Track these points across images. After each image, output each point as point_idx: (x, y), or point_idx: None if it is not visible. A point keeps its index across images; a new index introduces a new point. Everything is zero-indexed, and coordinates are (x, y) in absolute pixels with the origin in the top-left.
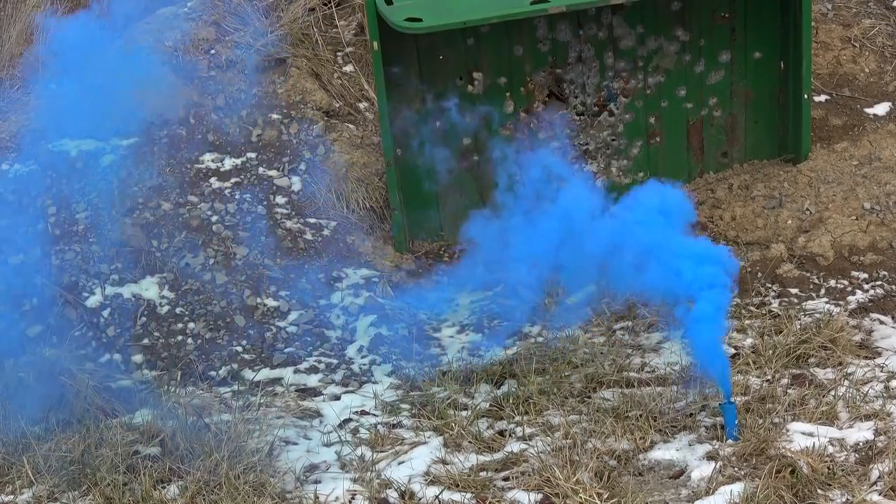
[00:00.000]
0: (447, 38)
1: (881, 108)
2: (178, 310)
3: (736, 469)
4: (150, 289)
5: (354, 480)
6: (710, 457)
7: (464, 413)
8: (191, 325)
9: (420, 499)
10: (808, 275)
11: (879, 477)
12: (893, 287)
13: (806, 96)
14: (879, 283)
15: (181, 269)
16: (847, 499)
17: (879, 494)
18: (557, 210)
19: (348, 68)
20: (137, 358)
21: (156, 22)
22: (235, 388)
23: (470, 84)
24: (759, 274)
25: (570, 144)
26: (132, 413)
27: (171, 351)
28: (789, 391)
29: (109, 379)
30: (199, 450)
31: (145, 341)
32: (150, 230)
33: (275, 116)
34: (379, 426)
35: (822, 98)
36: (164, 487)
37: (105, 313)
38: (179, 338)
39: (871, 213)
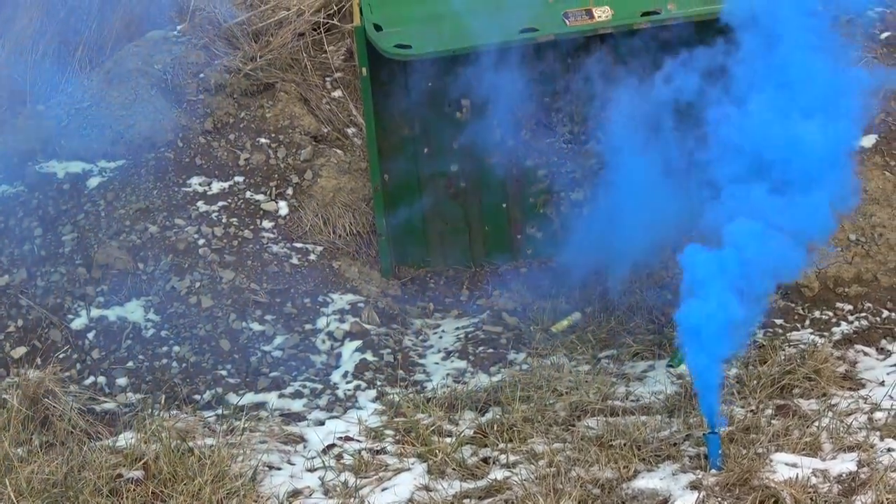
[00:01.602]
0: (436, 64)
1: (867, 141)
2: (163, 333)
3: (719, 499)
4: (135, 312)
5: None
6: (694, 486)
7: (448, 440)
8: (176, 348)
9: None
10: (793, 306)
11: None
12: (878, 319)
13: None
14: (864, 314)
15: (167, 293)
16: None
17: None
18: None
19: (337, 94)
20: (122, 381)
21: (145, 45)
22: (220, 412)
23: (458, 111)
24: None
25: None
26: (116, 436)
27: (156, 374)
28: (773, 422)
29: (93, 401)
30: (183, 474)
31: (130, 364)
32: (137, 253)
33: (263, 141)
34: (363, 452)
35: None
36: None
37: (90, 336)
38: (164, 361)
39: (856, 244)
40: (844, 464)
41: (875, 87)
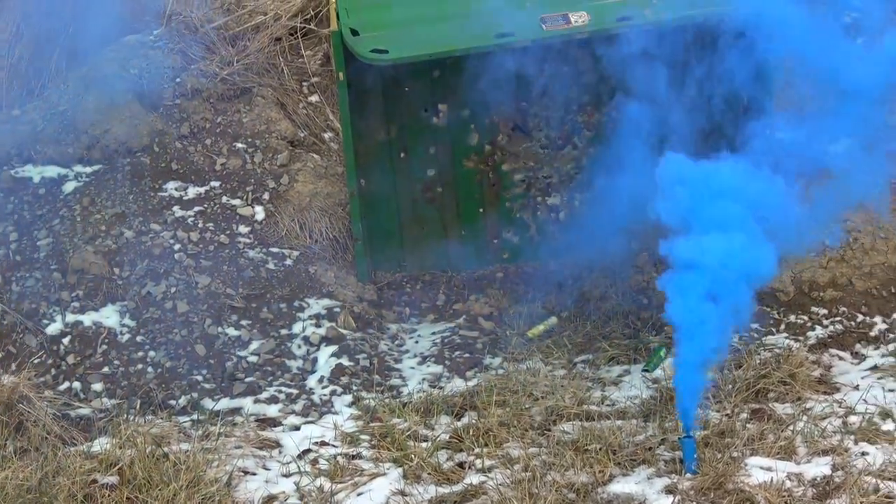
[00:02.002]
0: (413, 69)
1: (842, 146)
2: (138, 338)
3: (694, 503)
4: (111, 317)
5: None
6: (669, 490)
7: (424, 444)
8: (151, 353)
9: None
10: (769, 310)
11: None
12: (853, 323)
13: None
14: (839, 318)
15: (142, 298)
16: None
17: None
18: None
19: (314, 98)
20: (97, 386)
21: (121, 50)
22: (195, 417)
23: (435, 116)
24: None
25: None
26: (91, 441)
27: (131, 379)
28: (748, 426)
29: (68, 407)
30: (158, 479)
31: (105, 369)
32: (112, 258)
33: (239, 145)
34: (338, 457)
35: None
36: None
37: (65, 341)
38: (140, 366)
39: (831, 248)
40: (819, 467)
41: None
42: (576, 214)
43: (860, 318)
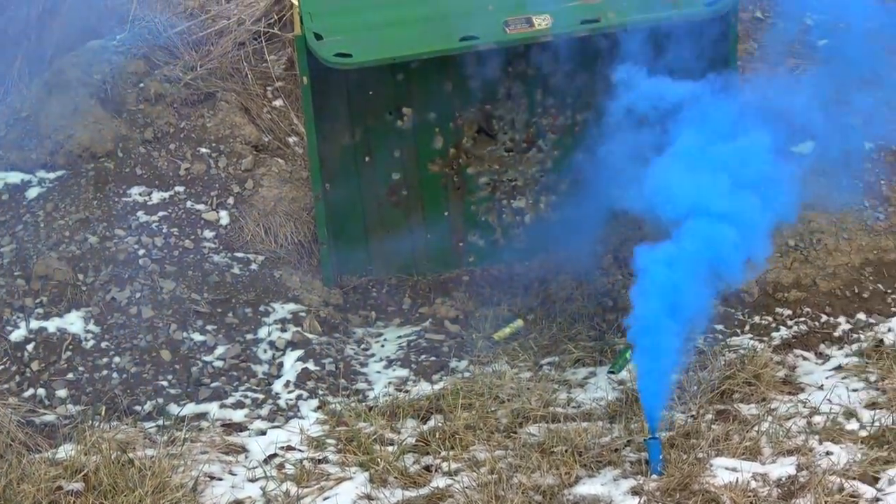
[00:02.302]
0: (377, 73)
1: (805, 147)
2: (103, 344)
3: None
4: (75, 323)
5: None
6: (635, 492)
7: (390, 448)
8: (116, 359)
9: None
10: (733, 311)
11: None
12: (817, 323)
13: None
14: (803, 319)
15: (107, 303)
16: None
17: None
18: None
19: (278, 103)
20: (62, 392)
21: (85, 55)
22: (160, 422)
23: (399, 119)
24: None
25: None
26: (55, 448)
27: (96, 385)
28: (713, 427)
29: (33, 413)
30: (123, 485)
31: (70, 376)
32: (76, 263)
33: (203, 150)
34: (305, 461)
35: None
36: None
37: (29, 347)
38: (104, 372)
39: (795, 250)
40: (784, 467)
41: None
42: (541, 217)
43: (824, 318)
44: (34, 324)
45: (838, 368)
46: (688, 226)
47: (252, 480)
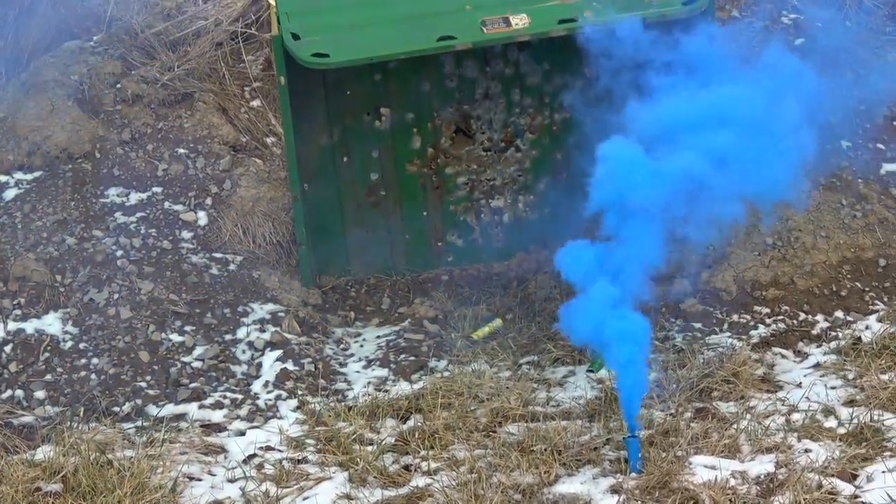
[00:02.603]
0: (354, 73)
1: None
2: (81, 345)
3: (639, 502)
4: (53, 324)
5: None
6: (614, 490)
7: (369, 448)
8: (94, 360)
9: None
10: (712, 309)
11: None
12: (795, 321)
13: None
14: (781, 317)
15: (85, 305)
16: None
17: None
18: None
19: (256, 103)
20: (40, 394)
21: (62, 56)
22: (139, 423)
23: (377, 119)
24: (663, 309)
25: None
26: (34, 449)
27: (75, 387)
28: (692, 425)
29: (11, 415)
30: (102, 486)
31: (48, 377)
32: (54, 265)
33: (181, 151)
34: (284, 462)
35: None
36: None
37: (7, 349)
38: (83, 373)
39: (773, 248)
40: (762, 465)
41: None
42: (519, 216)
43: (802, 316)
44: (12, 325)
45: (816, 366)
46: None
47: (231, 481)
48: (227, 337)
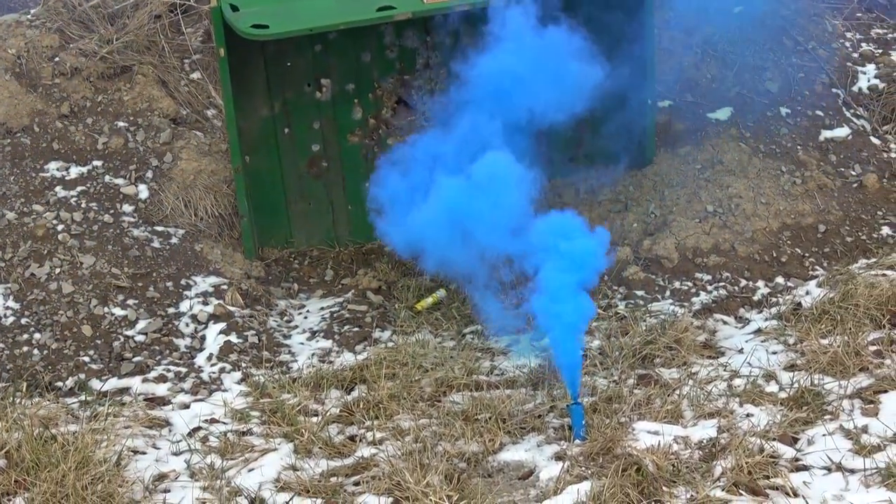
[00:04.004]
0: (294, 44)
1: (723, 114)
2: (23, 320)
3: (583, 468)
4: None
5: (204, 489)
6: (558, 457)
7: (314, 419)
8: (37, 335)
9: None
10: (654, 277)
11: (722, 473)
12: (736, 288)
13: (650, 101)
14: (722, 284)
15: (26, 279)
16: (691, 495)
17: (722, 490)
18: None
19: (195, 75)
20: None
21: None
22: (83, 398)
23: (318, 91)
24: (606, 277)
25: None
26: None
27: (17, 362)
28: (635, 391)
29: None
30: (46, 461)
31: None
32: None
33: (121, 124)
34: (229, 434)
35: (666, 103)
36: (9, 500)
37: None
38: (25, 348)
39: (713, 215)
40: (705, 430)
41: None
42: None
43: (743, 282)
44: None
45: (758, 332)
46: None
47: (176, 454)
48: (170, 310)
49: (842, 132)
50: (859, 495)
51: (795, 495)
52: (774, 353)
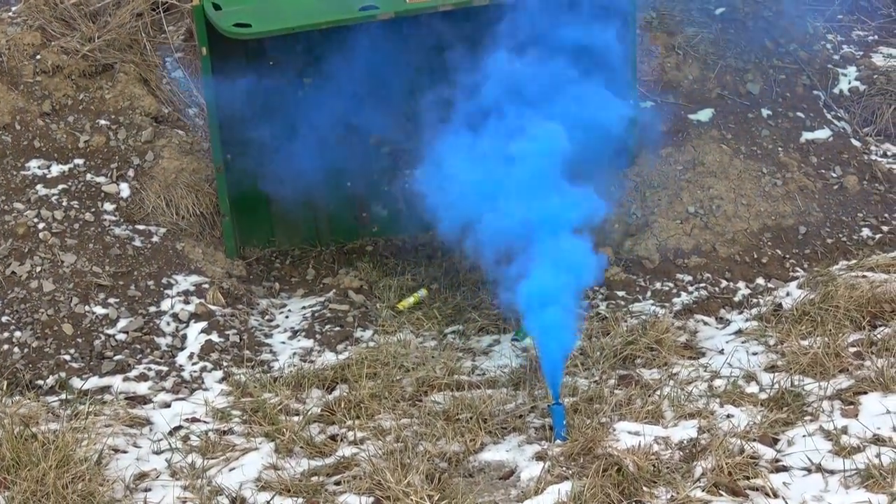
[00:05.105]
0: (277, 43)
1: (704, 115)
2: (4, 318)
3: (564, 468)
4: None
5: (185, 488)
6: (539, 457)
7: (295, 418)
8: (17, 333)
9: None
10: (635, 277)
11: (703, 474)
12: (717, 289)
13: (632, 102)
14: (703, 284)
15: (7, 278)
16: (672, 495)
17: (702, 490)
18: None
19: (177, 74)
20: None
21: None
22: (63, 396)
23: (300, 90)
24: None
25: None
26: None
27: None
28: (616, 391)
29: None
30: (27, 459)
31: None
32: None
33: (103, 122)
34: (210, 433)
35: (648, 104)
36: None
37: None
38: (6, 347)
39: (695, 216)
40: (685, 430)
41: None
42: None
43: (724, 283)
44: None
45: (738, 333)
46: None
47: (157, 453)
48: (152, 309)
49: (823, 134)
50: (839, 496)
51: (775, 496)
52: (755, 353)
